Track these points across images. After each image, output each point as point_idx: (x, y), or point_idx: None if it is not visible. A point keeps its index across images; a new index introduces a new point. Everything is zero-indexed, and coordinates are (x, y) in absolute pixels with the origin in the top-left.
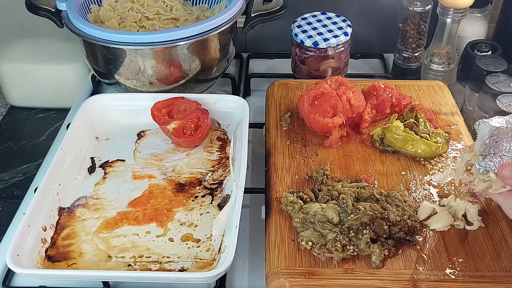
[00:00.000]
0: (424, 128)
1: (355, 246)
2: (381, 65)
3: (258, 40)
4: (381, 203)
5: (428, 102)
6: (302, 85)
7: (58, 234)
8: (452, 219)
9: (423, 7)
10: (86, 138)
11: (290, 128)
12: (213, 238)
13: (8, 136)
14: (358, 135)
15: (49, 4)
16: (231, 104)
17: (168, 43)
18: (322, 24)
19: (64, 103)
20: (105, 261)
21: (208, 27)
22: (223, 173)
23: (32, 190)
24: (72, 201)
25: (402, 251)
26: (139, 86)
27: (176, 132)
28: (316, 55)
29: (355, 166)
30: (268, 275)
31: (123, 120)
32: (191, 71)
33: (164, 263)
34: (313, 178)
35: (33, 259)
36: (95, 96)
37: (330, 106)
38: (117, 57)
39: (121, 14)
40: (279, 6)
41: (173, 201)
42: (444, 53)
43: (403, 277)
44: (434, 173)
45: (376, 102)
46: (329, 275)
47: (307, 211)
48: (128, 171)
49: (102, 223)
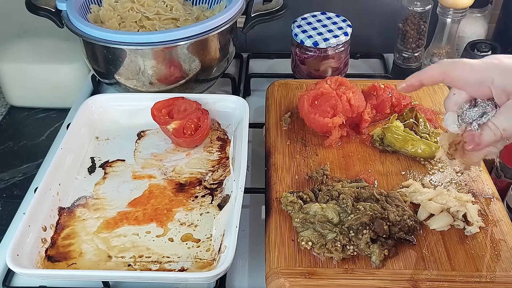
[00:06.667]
0: (424, 128)
1: (355, 246)
2: (381, 65)
3: (258, 40)
4: (381, 203)
5: (428, 102)
6: (302, 85)
7: (58, 234)
8: (452, 219)
9: (423, 7)
10: (86, 138)
11: (290, 128)
12: (213, 238)
13: (8, 136)
14: (358, 135)
15: (49, 4)
16: (231, 104)
17: (168, 43)
18: (322, 24)
19: (64, 103)
20: (105, 261)
21: (208, 27)
22: (223, 173)
23: (32, 190)
24: (72, 201)
25: (402, 251)
26: (139, 86)
27: (176, 132)
28: (316, 55)
29: (355, 166)
30: (268, 275)
31: (123, 120)
32: (191, 71)
33: (164, 263)
34: (313, 178)
35: (33, 259)
36: (95, 96)
37: (330, 106)
38: (117, 57)
39: (121, 14)
40: (279, 6)
41: (173, 201)
42: (444, 53)
43: (403, 277)
44: (434, 173)
45: (376, 102)
46: (329, 275)
47: (307, 211)
48: (128, 171)
49: (102, 223)
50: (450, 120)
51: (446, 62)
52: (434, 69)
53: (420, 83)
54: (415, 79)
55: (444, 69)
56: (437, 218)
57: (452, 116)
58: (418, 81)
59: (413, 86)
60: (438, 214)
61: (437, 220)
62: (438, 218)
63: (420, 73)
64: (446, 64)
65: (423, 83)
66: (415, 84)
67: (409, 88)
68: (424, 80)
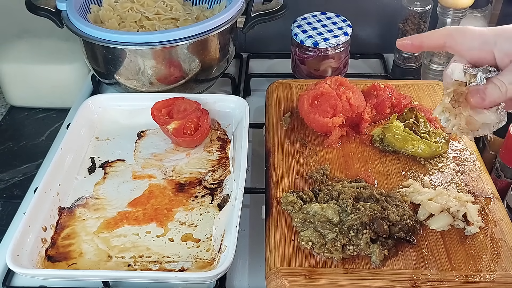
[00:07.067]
0: (424, 128)
1: (355, 246)
2: (381, 65)
3: (258, 40)
4: (381, 203)
5: (428, 102)
6: (302, 85)
7: (58, 234)
8: (452, 219)
9: (423, 7)
10: (86, 138)
11: (290, 128)
12: (213, 238)
13: (8, 136)
14: (358, 135)
15: (49, 4)
16: (231, 104)
17: (168, 43)
18: (322, 24)
19: (64, 103)
20: (105, 261)
21: (208, 27)
22: (223, 173)
23: (32, 190)
24: (72, 201)
25: (402, 251)
26: (139, 86)
27: (176, 132)
28: (316, 55)
29: (355, 166)
30: (268, 275)
31: (123, 120)
32: (191, 71)
33: (164, 263)
34: (313, 178)
35: (33, 259)
36: (95, 96)
37: (330, 106)
38: (117, 57)
39: (121, 14)
40: (279, 6)
41: (173, 201)
42: (444, 53)
43: (403, 277)
44: (434, 173)
45: (376, 102)
46: (329, 275)
47: (307, 211)
48: (128, 171)
49: (102, 223)
50: (457, 68)
51: (450, 27)
52: (438, 31)
53: (420, 44)
54: (417, 39)
55: (449, 32)
56: (437, 218)
57: (458, 66)
58: (419, 42)
59: (413, 46)
60: (438, 214)
61: (437, 220)
62: (438, 218)
63: (423, 34)
64: (451, 28)
65: (423, 44)
66: (415, 44)
67: (407, 46)
68: (426, 41)
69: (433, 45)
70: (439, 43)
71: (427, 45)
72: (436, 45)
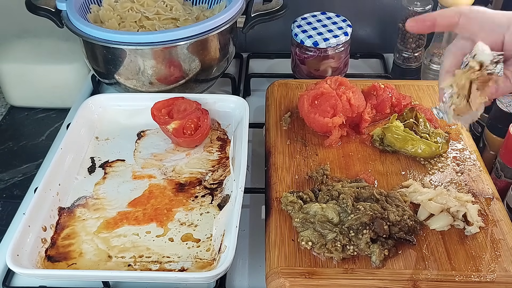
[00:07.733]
0: (424, 128)
1: (355, 246)
2: (381, 65)
3: (258, 40)
4: (381, 203)
5: (428, 102)
6: (302, 85)
7: (58, 234)
8: (452, 219)
9: (423, 7)
10: (86, 138)
11: (290, 128)
12: (213, 238)
13: (8, 136)
14: (358, 135)
15: (49, 4)
16: (231, 104)
17: (168, 43)
18: (322, 24)
19: (64, 103)
20: (105, 261)
21: (208, 27)
22: (223, 173)
23: (32, 190)
24: (72, 201)
25: (402, 251)
26: (139, 86)
27: (176, 132)
28: (316, 55)
29: (355, 166)
30: (268, 275)
31: (123, 120)
32: (191, 71)
33: (164, 263)
34: (313, 178)
35: (33, 259)
36: (95, 96)
37: (330, 106)
38: (117, 57)
39: (121, 14)
40: (279, 6)
41: (173, 201)
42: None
43: (403, 277)
44: (434, 173)
45: (376, 102)
46: (329, 275)
47: (307, 211)
48: (128, 171)
49: (102, 223)
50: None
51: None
52: (452, 9)
53: (432, 22)
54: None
55: (463, 11)
56: (437, 218)
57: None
58: (431, 20)
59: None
60: (438, 214)
61: (437, 220)
62: (438, 218)
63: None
64: (465, 7)
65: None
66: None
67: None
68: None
69: (446, 23)
70: (453, 21)
71: (440, 23)
72: (449, 23)
